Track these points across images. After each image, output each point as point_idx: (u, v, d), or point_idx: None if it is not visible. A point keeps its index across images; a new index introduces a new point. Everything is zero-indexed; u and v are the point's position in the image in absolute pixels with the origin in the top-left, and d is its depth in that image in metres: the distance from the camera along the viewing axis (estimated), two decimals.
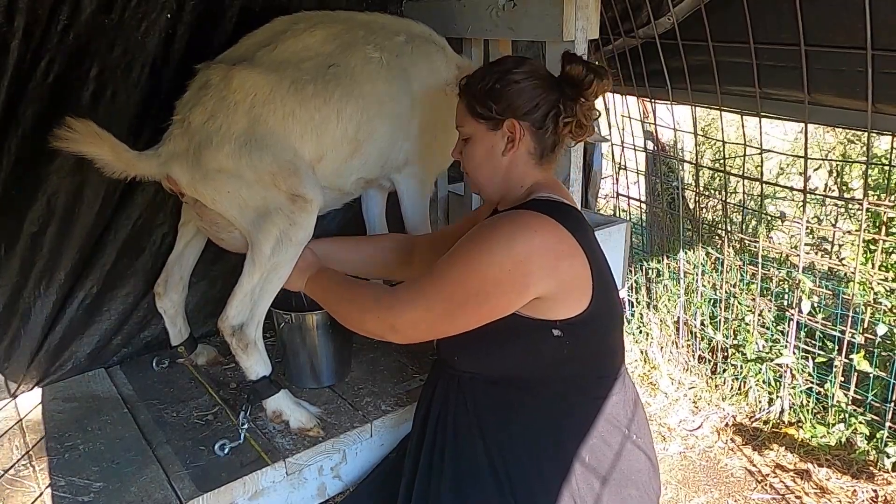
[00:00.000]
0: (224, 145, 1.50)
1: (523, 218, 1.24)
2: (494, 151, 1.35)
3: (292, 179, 1.52)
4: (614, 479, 1.30)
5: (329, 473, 1.67)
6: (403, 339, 1.30)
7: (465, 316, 1.24)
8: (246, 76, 1.52)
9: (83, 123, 1.41)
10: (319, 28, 1.67)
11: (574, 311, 1.24)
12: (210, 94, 1.53)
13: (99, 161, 1.47)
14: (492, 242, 1.21)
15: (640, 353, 2.94)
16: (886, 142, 2.61)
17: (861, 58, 1.94)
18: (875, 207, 2.36)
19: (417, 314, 1.26)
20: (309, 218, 1.54)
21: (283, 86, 1.54)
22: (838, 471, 2.25)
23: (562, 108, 1.31)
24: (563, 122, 1.32)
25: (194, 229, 1.83)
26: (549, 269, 1.21)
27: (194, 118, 1.52)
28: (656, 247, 3.13)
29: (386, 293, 1.32)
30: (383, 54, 1.69)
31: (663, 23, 2.50)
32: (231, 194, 1.52)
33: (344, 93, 1.60)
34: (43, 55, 1.57)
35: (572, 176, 1.75)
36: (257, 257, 1.53)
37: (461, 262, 1.23)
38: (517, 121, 1.31)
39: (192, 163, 1.51)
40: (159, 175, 1.56)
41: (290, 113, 1.54)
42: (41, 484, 1.50)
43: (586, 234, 1.29)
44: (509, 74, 1.32)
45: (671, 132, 3.02)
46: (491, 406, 1.32)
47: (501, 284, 1.20)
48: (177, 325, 1.90)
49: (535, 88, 1.31)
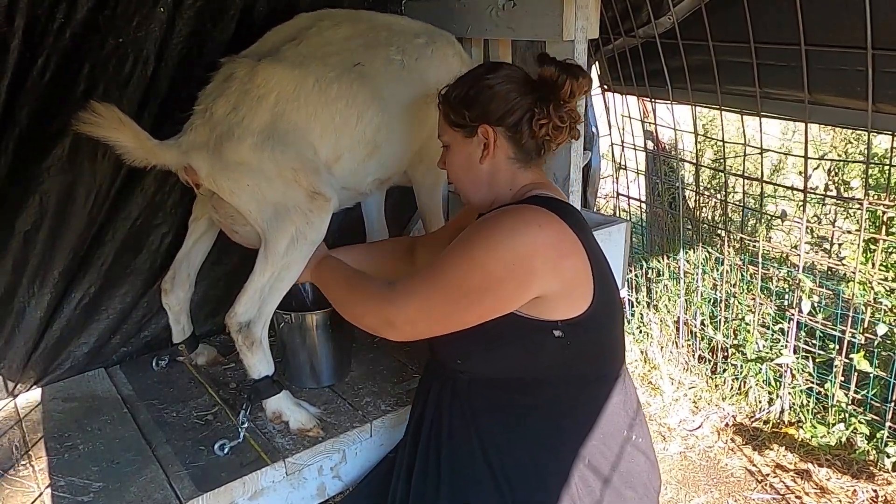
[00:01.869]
0: (247, 138, 1.49)
1: (527, 213, 1.22)
2: (472, 159, 1.34)
3: (313, 177, 1.52)
4: (614, 481, 1.29)
5: (329, 473, 1.67)
6: (401, 336, 1.27)
7: (464, 312, 1.21)
8: (272, 71, 1.52)
9: (107, 108, 1.39)
10: (344, 26, 1.67)
11: (575, 311, 1.23)
12: (234, 87, 1.52)
13: (120, 147, 1.45)
14: (495, 237, 1.19)
15: (640, 353, 2.94)
16: (886, 141, 2.61)
17: (861, 57, 1.94)
18: (875, 207, 2.36)
19: (416, 309, 1.23)
20: (325, 218, 1.54)
21: (307, 83, 1.54)
22: (838, 471, 2.25)
23: (536, 111, 1.29)
24: (539, 125, 1.29)
25: (204, 226, 1.82)
26: (553, 267, 1.19)
27: (217, 109, 1.52)
28: (656, 247, 3.13)
29: (385, 288, 1.29)
30: (405, 57, 1.69)
31: (663, 22, 2.50)
32: (250, 188, 1.51)
33: (367, 96, 1.60)
34: (40, 54, 1.56)
35: (572, 176, 1.74)
36: (270, 254, 1.52)
37: (462, 256, 1.20)
38: (491, 126, 1.30)
39: (213, 154, 1.50)
40: (178, 165, 1.54)
41: (314, 112, 1.54)
42: (41, 484, 1.49)
43: (587, 233, 1.28)
44: (482, 80, 1.31)
45: (671, 132, 3.02)
46: (489, 408, 1.31)
47: (503, 280, 1.17)
48: (180, 322, 1.90)
49: (508, 93, 1.29)
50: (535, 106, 1.29)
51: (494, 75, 1.31)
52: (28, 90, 1.58)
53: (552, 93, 1.29)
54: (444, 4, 1.97)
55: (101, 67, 1.64)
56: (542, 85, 1.31)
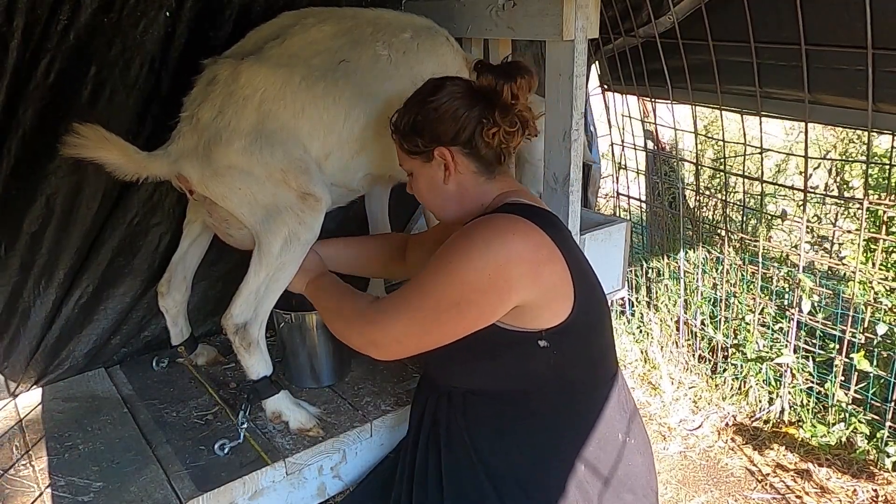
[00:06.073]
0: (234, 141, 1.48)
1: (500, 222, 1.22)
2: (436, 181, 1.33)
3: (303, 178, 1.51)
4: (612, 485, 1.29)
5: (329, 473, 1.67)
6: (386, 355, 1.27)
7: (447, 326, 1.20)
8: (255, 71, 1.51)
9: (91, 128, 1.39)
10: (328, 23, 1.65)
11: (558, 318, 1.22)
12: (218, 90, 1.51)
13: (110, 165, 1.45)
14: (470, 248, 1.18)
15: (640, 352, 2.94)
16: (887, 141, 2.61)
17: (861, 57, 1.94)
18: (875, 206, 2.36)
19: (400, 327, 1.23)
20: (317, 218, 1.54)
21: (293, 81, 1.53)
22: (838, 470, 2.25)
23: (485, 122, 1.28)
24: (491, 135, 1.28)
25: (199, 228, 1.82)
26: (530, 274, 1.18)
27: (203, 114, 1.51)
28: (656, 246, 3.13)
29: (370, 307, 1.30)
30: (391, 52, 1.68)
31: (664, 22, 2.50)
32: (242, 191, 1.50)
33: (354, 92, 1.59)
34: (43, 55, 1.56)
35: (572, 176, 1.74)
36: (265, 256, 1.52)
37: (440, 271, 1.20)
38: (446, 147, 1.29)
39: (203, 160, 1.50)
40: (170, 174, 1.54)
41: (301, 110, 1.53)
42: (41, 484, 1.49)
43: (564, 237, 1.27)
44: (427, 104, 1.30)
45: (671, 131, 3.02)
46: (484, 419, 1.30)
47: (483, 291, 1.17)
48: (178, 324, 1.90)
49: (455, 111, 1.28)
50: (483, 117, 1.28)
51: (438, 96, 1.30)
52: (32, 91, 1.58)
53: (495, 100, 1.29)
54: (444, 4, 1.97)
55: (108, 70, 1.64)
56: (484, 94, 1.30)
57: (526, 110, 1.32)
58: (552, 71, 1.68)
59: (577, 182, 1.77)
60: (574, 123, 1.68)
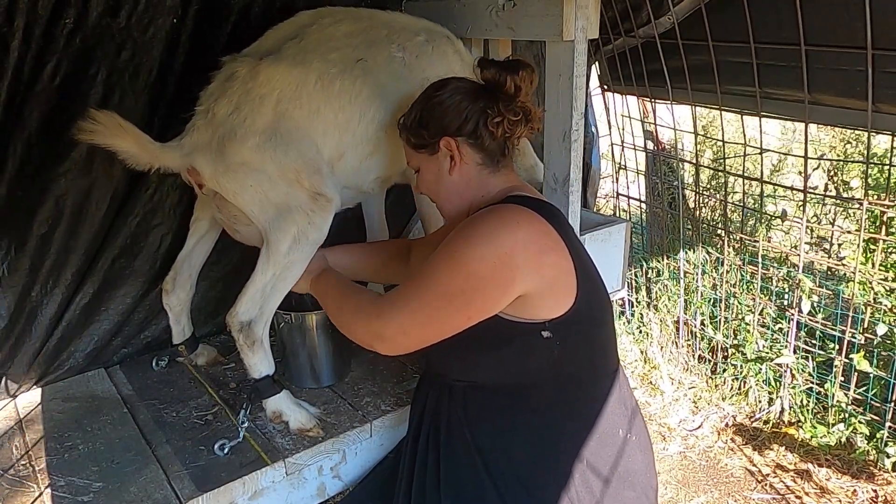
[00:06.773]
0: (249, 139, 1.49)
1: (504, 211, 1.24)
2: (442, 173, 1.36)
3: (315, 177, 1.52)
4: (613, 481, 1.29)
5: (329, 473, 1.67)
6: (391, 349, 1.27)
7: (453, 316, 1.21)
8: (273, 70, 1.51)
9: (107, 115, 1.39)
10: (345, 23, 1.67)
11: (560, 309, 1.23)
12: (235, 87, 1.52)
13: (123, 153, 1.45)
14: (475, 238, 1.19)
15: (640, 353, 2.94)
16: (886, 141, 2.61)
17: (861, 57, 1.94)
18: (875, 207, 2.36)
19: (404, 320, 1.23)
20: (327, 218, 1.54)
21: (309, 80, 1.53)
22: (838, 471, 2.25)
23: (489, 112, 1.31)
24: (495, 124, 1.31)
25: (206, 226, 1.82)
26: (534, 264, 1.19)
27: (219, 110, 1.51)
28: (656, 247, 3.13)
29: (374, 301, 1.31)
30: (405, 54, 1.69)
31: (663, 22, 2.50)
32: (253, 188, 1.51)
33: (370, 93, 1.60)
34: (49, 58, 1.56)
35: (572, 176, 1.74)
36: (273, 254, 1.52)
37: (445, 260, 1.21)
38: (451, 137, 1.32)
39: (216, 155, 1.50)
40: (182, 166, 1.55)
41: (316, 110, 1.54)
42: (41, 484, 1.49)
43: (567, 230, 1.29)
44: (432, 99, 1.35)
45: (671, 132, 3.02)
46: (486, 414, 1.31)
47: (486, 280, 1.18)
48: (181, 323, 1.90)
49: (459, 103, 1.32)
50: (487, 108, 1.32)
51: (442, 91, 1.35)
52: (38, 93, 1.57)
53: (499, 92, 1.32)
54: (444, 4, 1.97)
55: (117, 72, 1.64)
56: (488, 88, 1.34)
57: (529, 101, 1.35)
58: (552, 71, 1.68)
59: (577, 182, 1.77)
60: (574, 124, 1.68)
